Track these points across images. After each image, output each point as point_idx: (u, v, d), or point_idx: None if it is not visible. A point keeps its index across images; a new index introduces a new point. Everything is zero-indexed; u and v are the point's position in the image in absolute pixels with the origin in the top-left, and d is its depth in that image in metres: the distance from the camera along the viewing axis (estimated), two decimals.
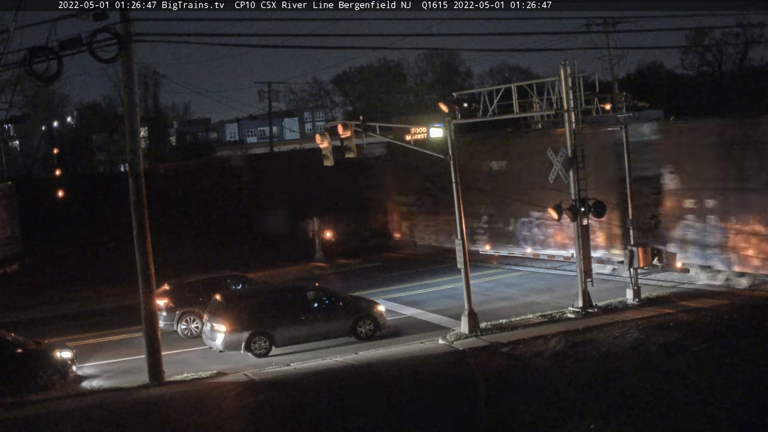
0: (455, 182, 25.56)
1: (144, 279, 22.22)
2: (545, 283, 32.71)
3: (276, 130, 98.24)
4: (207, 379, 22.21)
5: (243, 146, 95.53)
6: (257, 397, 20.45)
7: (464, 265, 25.36)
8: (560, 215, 26.66)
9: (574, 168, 26.50)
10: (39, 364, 22.58)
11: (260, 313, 24.93)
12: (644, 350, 21.45)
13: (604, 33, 50.58)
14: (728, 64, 74.76)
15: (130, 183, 22.08)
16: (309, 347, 24.89)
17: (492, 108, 27.79)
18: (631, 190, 28.33)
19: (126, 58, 21.28)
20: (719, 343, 21.33)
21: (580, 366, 20.81)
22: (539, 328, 24.87)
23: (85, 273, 42.92)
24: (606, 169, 31.42)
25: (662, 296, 27.60)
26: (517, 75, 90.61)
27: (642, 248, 27.53)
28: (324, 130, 29.09)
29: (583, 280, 26.50)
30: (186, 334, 27.94)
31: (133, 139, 22.10)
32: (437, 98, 61.38)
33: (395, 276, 37.13)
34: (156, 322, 22.60)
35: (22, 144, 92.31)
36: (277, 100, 78.54)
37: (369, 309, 26.00)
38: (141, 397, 21.13)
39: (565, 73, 26.26)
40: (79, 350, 24.80)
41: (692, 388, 18.32)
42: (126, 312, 31.46)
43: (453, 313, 27.26)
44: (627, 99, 29.32)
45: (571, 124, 26.43)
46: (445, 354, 23.28)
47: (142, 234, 22.06)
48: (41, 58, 19.82)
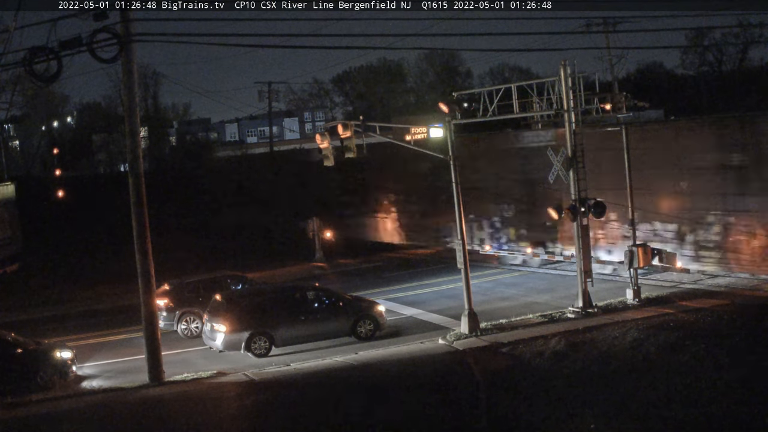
0: (455, 182, 25.57)
1: (144, 279, 22.22)
2: (545, 283, 32.71)
3: (276, 130, 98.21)
4: (207, 379, 22.21)
5: (243, 146, 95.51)
6: (257, 397, 20.45)
7: (464, 265, 25.37)
8: (560, 215, 26.68)
9: (574, 168, 26.50)
10: (39, 364, 22.58)
11: (260, 313, 24.93)
12: (644, 350, 21.46)
13: (604, 33, 50.61)
14: (728, 64, 74.80)
15: (130, 183, 22.08)
16: (309, 347, 24.89)
17: (492, 108, 27.81)
18: (632, 190, 28.35)
19: (126, 58, 21.29)
20: (719, 343, 21.34)
21: (580, 366, 20.81)
22: (539, 328, 24.87)
23: (85, 273, 42.90)
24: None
25: (662, 296, 27.59)
26: (517, 75, 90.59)
27: (642, 248, 27.53)
28: (324, 130, 29.11)
29: (583, 280, 26.50)
30: (186, 334, 27.95)
31: (133, 139, 22.10)
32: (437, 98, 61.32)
33: (395, 276, 37.13)
34: (156, 322, 22.60)
35: (22, 144, 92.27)
36: (277, 100, 78.45)
37: (369, 309, 26.00)
38: (141, 397, 21.13)
39: (565, 73, 26.26)
40: (79, 350, 24.80)
41: (692, 388, 18.33)
42: (126, 312, 31.46)
43: (453, 313, 27.26)
44: (627, 99, 29.34)
45: (571, 124, 26.44)
46: (445, 354, 23.27)
47: (142, 234, 22.06)
48: (41, 58, 19.80)
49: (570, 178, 26.72)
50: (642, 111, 33.33)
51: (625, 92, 30.42)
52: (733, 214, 27.32)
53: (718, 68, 74.68)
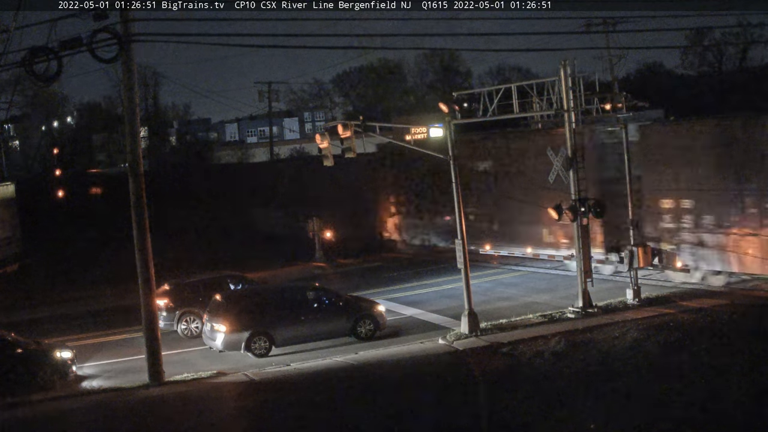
0: (455, 182, 25.56)
1: (144, 279, 22.21)
2: (545, 283, 32.71)
3: (276, 130, 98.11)
4: (207, 379, 22.21)
5: (243, 146, 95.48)
6: (257, 397, 20.45)
7: (464, 265, 25.36)
8: (560, 215, 26.66)
9: (574, 168, 26.50)
10: (39, 364, 22.56)
11: (260, 313, 24.93)
12: (644, 350, 21.47)
13: (604, 33, 50.56)
14: (728, 64, 74.78)
15: (130, 183, 22.08)
16: (309, 347, 24.89)
17: (492, 108, 27.80)
18: (631, 191, 28.34)
19: (126, 58, 21.28)
20: (719, 343, 21.34)
21: (580, 366, 20.82)
22: (539, 328, 24.87)
23: (85, 273, 42.86)
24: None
25: (662, 296, 27.59)
26: (517, 75, 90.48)
27: (642, 248, 27.53)
28: (324, 130, 29.10)
29: (583, 280, 26.50)
30: (186, 334, 27.94)
31: (133, 139, 22.09)
32: (437, 98, 61.30)
33: (395, 276, 37.12)
34: (156, 322, 22.59)
35: (22, 144, 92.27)
36: (277, 100, 78.54)
37: (369, 309, 26.00)
38: (141, 397, 21.13)
39: (565, 73, 26.25)
40: (79, 350, 24.78)
41: (692, 388, 18.33)
42: (126, 312, 31.41)
43: (453, 313, 27.26)
44: (627, 99, 29.31)
45: (571, 124, 26.44)
46: (445, 354, 23.27)
47: (142, 234, 22.05)
48: (41, 58, 19.83)
49: (570, 178, 26.72)
50: (642, 111, 33.18)
51: (625, 92, 30.33)
52: None
53: (718, 68, 74.66)
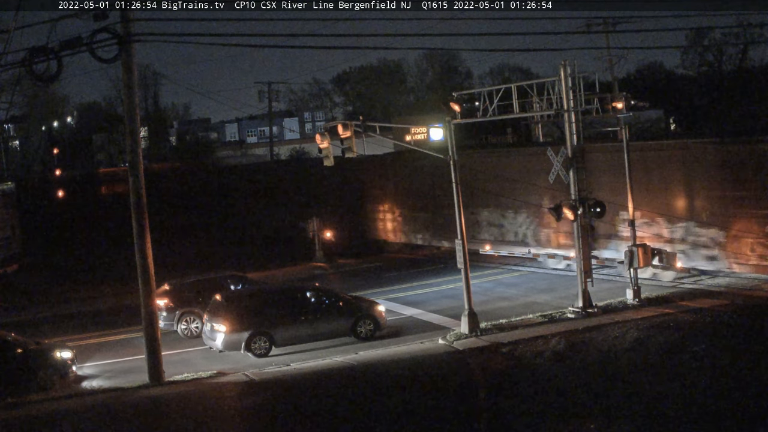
0: (455, 182, 25.56)
1: (144, 279, 22.21)
2: (545, 283, 32.71)
3: (276, 130, 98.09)
4: (207, 379, 22.21)
5: (243, 146, 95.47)
6: (257, 397, 20.45)
7: (464, 265, 25.36)
8: (559, 216, 26.66)
9: (574, 168, 26.49)
10: (39, 364, 22.57)
11: (260, 313, 24.93)
12: (644, 350, 21.45)
13: (604, 33, 50.55)
14: (728, 64, 74.68)
15: (130, 183, 22.08)
16: (309, 347, 24.89)
17: (492, 108, 27.80)
18: (632, 192, 28.35)
19: (126, 58, 21.28)
20: (719, 343, 21.34)
21: (580, 366, 20.81)
22: (539, 328, 24.86)
23: (85, 273, 42.89)
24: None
25: (662, 296, 27.59)
26: (517, 75, 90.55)
27: (642, 248, 27.52)
28: (324, 130, 29.06)
29: (583, 280, 26.49)
30: (186, 334, 27.94)
31: (133, 139, 22.09)
32: (437, 98, 61.42)
33: (395, 276, 37.14)
34: (156, 322, 22.58)
35: (22, 144, 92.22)
36: (277, 100, 78.38)
37: (369, 309, 26.00)
38: (141, 397, 21.12)
39: (565, 73, 26.26)
40: (79, 350, 24.80)
41: (692, 388, 18.32)
42: (126, 312, 31.46)
43: (453, 313, 27.25)
44: (627, 99, 29.30)
45: (571, 124, 26.43)
46: (445, 354, 23.27)
47: (141, 234, 22.05)
48: (41, 58, 19.82)
49: (570, 178, 26.72)
50: (642, 111, 33.18)
51: (625, 92, 30.33)
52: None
53: (718, 68, 74.57)
